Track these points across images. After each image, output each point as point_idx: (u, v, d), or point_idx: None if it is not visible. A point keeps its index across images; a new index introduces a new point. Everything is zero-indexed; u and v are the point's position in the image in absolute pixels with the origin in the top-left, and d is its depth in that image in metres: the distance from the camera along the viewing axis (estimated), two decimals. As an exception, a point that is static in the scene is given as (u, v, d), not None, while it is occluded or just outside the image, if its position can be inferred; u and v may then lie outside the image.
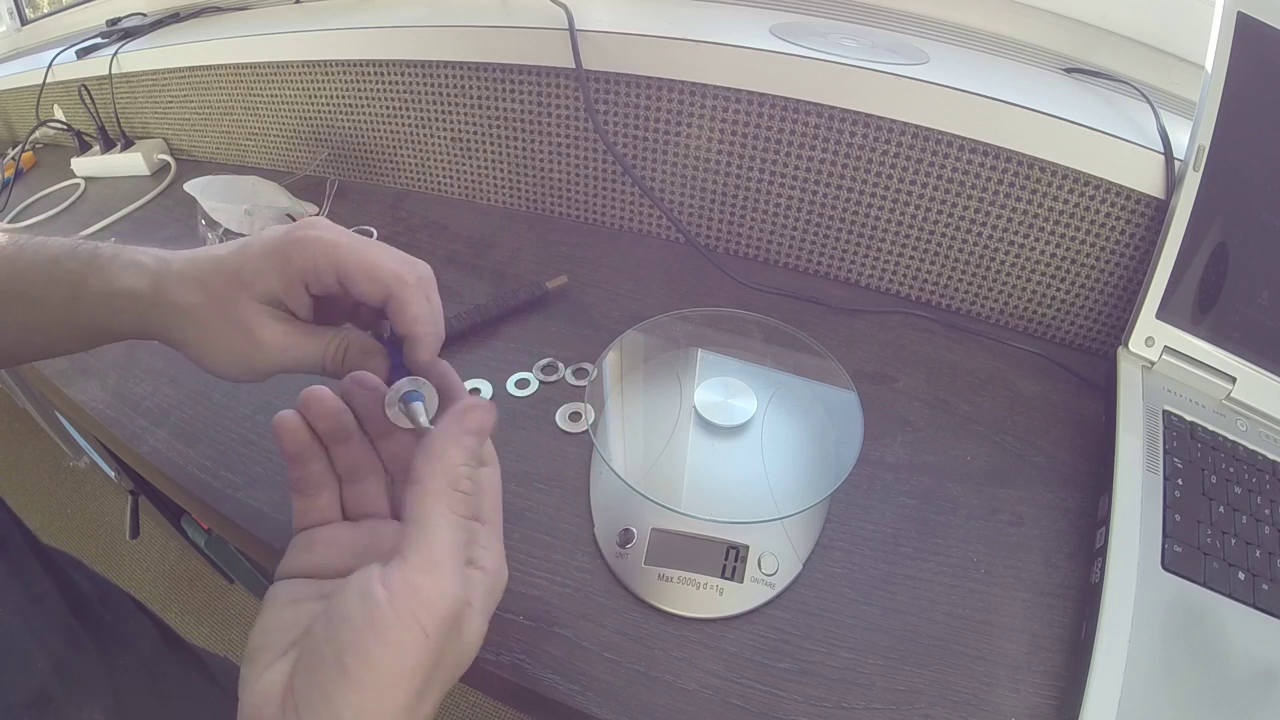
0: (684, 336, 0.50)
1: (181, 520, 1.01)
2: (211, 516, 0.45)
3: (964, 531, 0.41)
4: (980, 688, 0.34)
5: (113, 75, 0.84)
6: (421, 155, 0.73)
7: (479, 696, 1.06)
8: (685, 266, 0.62)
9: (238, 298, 0.32)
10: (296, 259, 0.31)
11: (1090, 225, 0.51)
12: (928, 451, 0.46)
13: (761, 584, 0.37)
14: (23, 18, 1.12)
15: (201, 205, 0.66)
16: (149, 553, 1.33)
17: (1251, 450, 0.43)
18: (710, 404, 0.43)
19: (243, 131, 0.82)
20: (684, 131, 0.59)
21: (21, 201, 0.83)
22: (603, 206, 0.67)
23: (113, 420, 0.50)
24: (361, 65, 0.69)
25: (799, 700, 0.34)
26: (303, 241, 0.31)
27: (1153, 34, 0.56)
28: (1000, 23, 0.62)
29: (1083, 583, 0.38)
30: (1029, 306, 0.56)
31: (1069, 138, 0.48)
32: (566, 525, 0.41)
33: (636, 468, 0.41)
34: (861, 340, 0.55)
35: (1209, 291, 0.45)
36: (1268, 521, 0.39)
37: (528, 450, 0.46)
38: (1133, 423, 0.43)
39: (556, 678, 0.35)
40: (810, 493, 0.39)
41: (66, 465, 1.47)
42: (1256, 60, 0.42)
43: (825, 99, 0.52)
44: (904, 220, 0.56)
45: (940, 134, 0.51)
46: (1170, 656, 0.33)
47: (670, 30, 0.55)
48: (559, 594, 0.38)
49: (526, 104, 0.63)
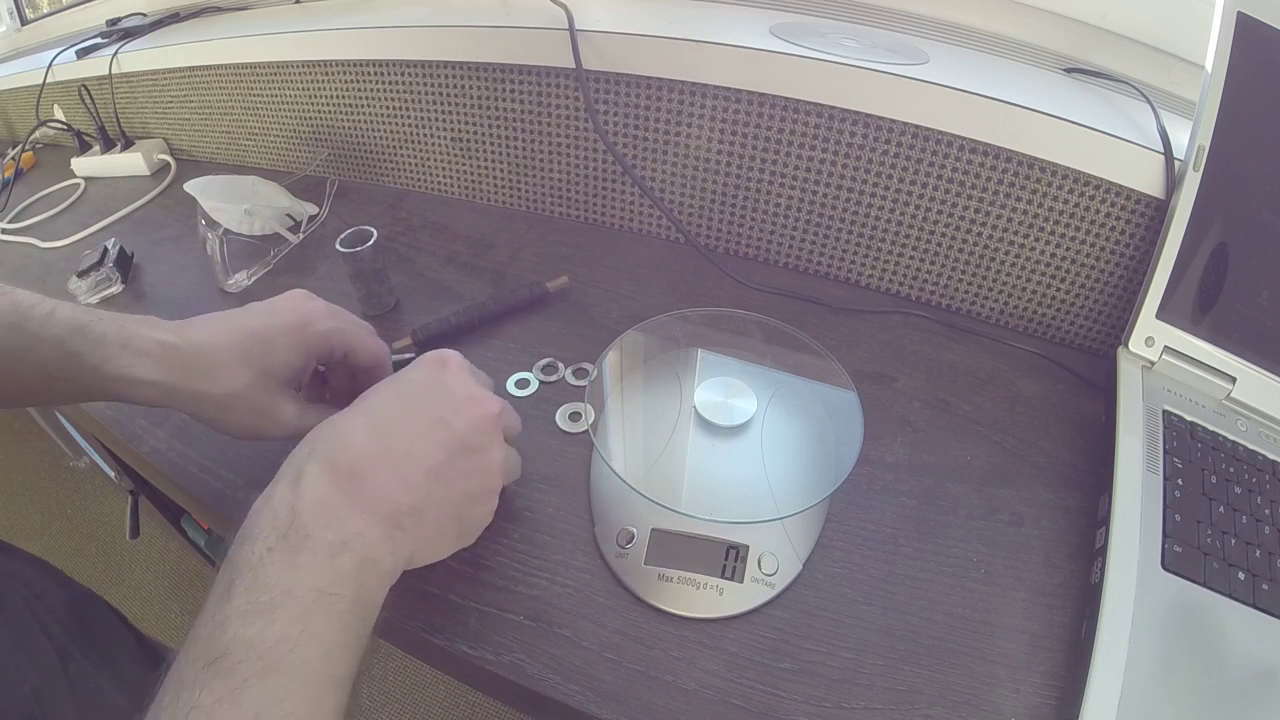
0: (684, 336, 0.50)
1: (181, 520, 1.01)
2: (211, 516, 0.45)
3: (964, 531, 0.41)
4: (980, 688, 0.34)
5: (113, 75, 0.84)
6: (421, 155, 0.73)
7: (479, 696, 1.06)
8: (685, 266, 0.62)
9: (264, 386, 0.37)
10: (319, 348, 0.39)
11: (1090, 225, 0.51)
12: (928, 451, 0.46)
13: (761, 584, 0.37)
14: (23, 18, 1.12)
15: (201, 205, 0.66)
16: (149, 553, 1.33)
17: (1251, 450, 0.43)
18: (710, 404, 0.43)
19: (243, 131, 0.82)
20: (684, 131, 0.59)
21: (21, 201, 0.83)
22: (603, 206, 0.67)
23: (113, 420, 0.50)
24: (361, 65, 0.69)
25: (799, 700, 0.34)
26: (329, 334, 0.39)
27: (1153, 34, 0.56)
28: (1000, 23, 0.62)
29: (1083, 583, 0.38)
30: (1029, 306, 0.56)
31: (1069, 138, 0.48)
32: (566, 525, 0.41)
33: (636, 468, 0.41)
34: (861, 340, 0.55)
35: (1209, 291, 0.45)
36: (1268, 521, 0.39)
37: (528, 450, 0.46)
38: (1133, 423, 0.43)
39: (556, 678, 0.35)
40: (810, 493, 0.39)
41: (66, 465, 1.47)
42: (1256, 60, 0.42)
43: (825, 99, 0.52)
44: (904, 220, 0.56)
45: (940, 134, 0.51)
46: (1170, 656, 0.33)
47: (670, 30, 0.55)
48: (559, 594, 0.38)
49: (526, 104, 0.63)
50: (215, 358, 0.36)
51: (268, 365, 0.37)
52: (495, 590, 0.38)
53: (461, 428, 0.33)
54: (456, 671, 0.38)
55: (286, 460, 0.30)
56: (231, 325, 0.38)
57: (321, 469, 0.29)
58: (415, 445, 0.31)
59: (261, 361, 0.37)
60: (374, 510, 0.29)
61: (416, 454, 0.31)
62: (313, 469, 0.29)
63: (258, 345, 0.37)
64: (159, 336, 0.35)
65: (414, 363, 0.35)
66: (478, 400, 0.34)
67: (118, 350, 0.34)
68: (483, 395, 0.35)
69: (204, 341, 0.36)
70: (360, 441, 0.30)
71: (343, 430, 0.31)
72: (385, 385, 0.34)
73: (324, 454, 0.29)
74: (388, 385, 0.34)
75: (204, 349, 0.36)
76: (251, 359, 0.37)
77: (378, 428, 0.31)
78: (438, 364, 0.35)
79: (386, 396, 0.33)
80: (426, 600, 0.37)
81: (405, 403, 0.32)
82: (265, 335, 0.38)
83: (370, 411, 0.32)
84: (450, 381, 0.34)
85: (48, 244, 0.73)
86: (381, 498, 0.29)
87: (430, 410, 0.32)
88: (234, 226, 0.66)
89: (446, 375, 0.34)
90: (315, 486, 0.28)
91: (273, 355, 0.37)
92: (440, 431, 0.32)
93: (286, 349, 0.38)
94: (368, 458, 0.30)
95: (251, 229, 0.67)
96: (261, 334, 0.38)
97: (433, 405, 0.33)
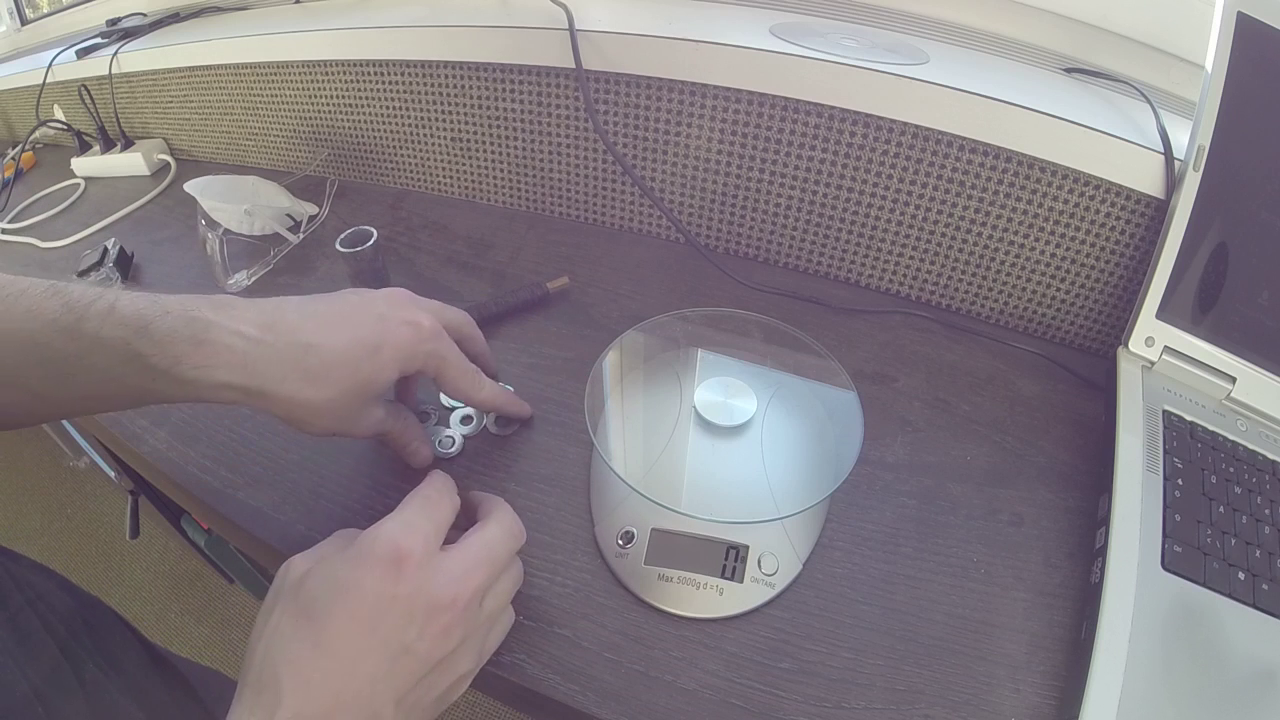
0: (684, 336, 0.50)
1: (181, 520, 1.01)
2: (211, 516, 0.45)
3: (964, 531, 0.41)
4: (980, 688, 0.34)
5: (113, 75, 0.84)
6: (421, 155, 0.73)
7: (479, 696, 1.06)
8: (685, 266, 0.62)
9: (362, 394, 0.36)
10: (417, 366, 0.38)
11: (1090, 225, 0.51)
12: (928, 451, 0.46)
13: (761, 584, 0.37)
14: (23, 18, 1.12)
15: (201, 205, 0.66)
16: (149, 553, 1.33)
17: (1251, 450, 0.43)
18: (710, 404, 0.43)
19: (243, 131, 0.82)
20: (684, 131, 0.59)
21: (21, 201, 0.83)
22: (603, 206, 0.67)
23: (113, 420, 0.50)
24: (361, 65, 0.69)
25: (799, 700, 0.34)
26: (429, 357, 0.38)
27: (1153, 34, 0.56)
28: (1000, 23, 0.62)
29: (1083, 583, 0.38)
30: (1029, 306, 0.56)
31: (1069, 138, 0.48)
32: (566, 525, 0.41)
33: (636, 468, 0.41)
34: (861, 340, 0.55)
35: (1209, 291, 0.45)
36: (1268, 521, 0.39)
37: (528, 450, 0.46)
38: (1133, 423, 0.43)
39: (556, 678, 0.35)
40: (810, 493, 0.39)
41: (66, 465, 1.47)
42: (1256, 60, 0.42)
43: (825, 99, 0.52)
44: (904, 220, 0.56)
45: (940, 134, 0.51)
46: (1170, 656, 0.33)
47: (670, 30, 0.55)
48: (559, 594, 0.38)
49: (526, 104, 0.63)
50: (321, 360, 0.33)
51: (371, 376, 0.35)
52: (495, 590, 0.38)
53: (424, 649, 0.28)
54: (456, 671, 0.38)
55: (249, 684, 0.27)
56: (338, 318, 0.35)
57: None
58: (379, 686, 0.27)
59: (368, 371, 0.35)
60: None
61: (381, 692, 0.27)
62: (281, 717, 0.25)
63: (367, 354, 0.35)
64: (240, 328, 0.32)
65: (360, 557, 0.28)
66: (442, 607, 0.29)
67: (191, 348, 0.31)
68: (450, 596, 0.29)
69: (308, 340, 0.33)
70: (321, 694, 0.26)
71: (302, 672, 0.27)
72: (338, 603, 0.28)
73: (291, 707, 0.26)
74: (340, 603, 0.27)
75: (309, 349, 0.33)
76: (359, 367, 0.35)
77: (338, 672, 0.27)
78: (392, 567, 0.28)
79: (342, 629, 0.27)
80: (426, 600, 0.37)
81: (365, 634, 0.27)
82: (376, 344, 0.35)
83: (328, 648, 0.27)
84: (408, 595, 0.28)
85: (48, 244, 0.73)
86: None
87: (393, 640, 0.28)
88: (234, 226, 0.66)
89: (402, 587, 0.28)
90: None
91: (379, 367, 0.35)
92: (404, 659, 0.28)
93: (391, 364, 0.36)
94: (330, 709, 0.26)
95: (251, 229, 0.67)
96: (372, 344, 0.35)
97: (394, 633, 0.28)
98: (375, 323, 0.36)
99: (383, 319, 0.37)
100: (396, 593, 0.28)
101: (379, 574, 0.28)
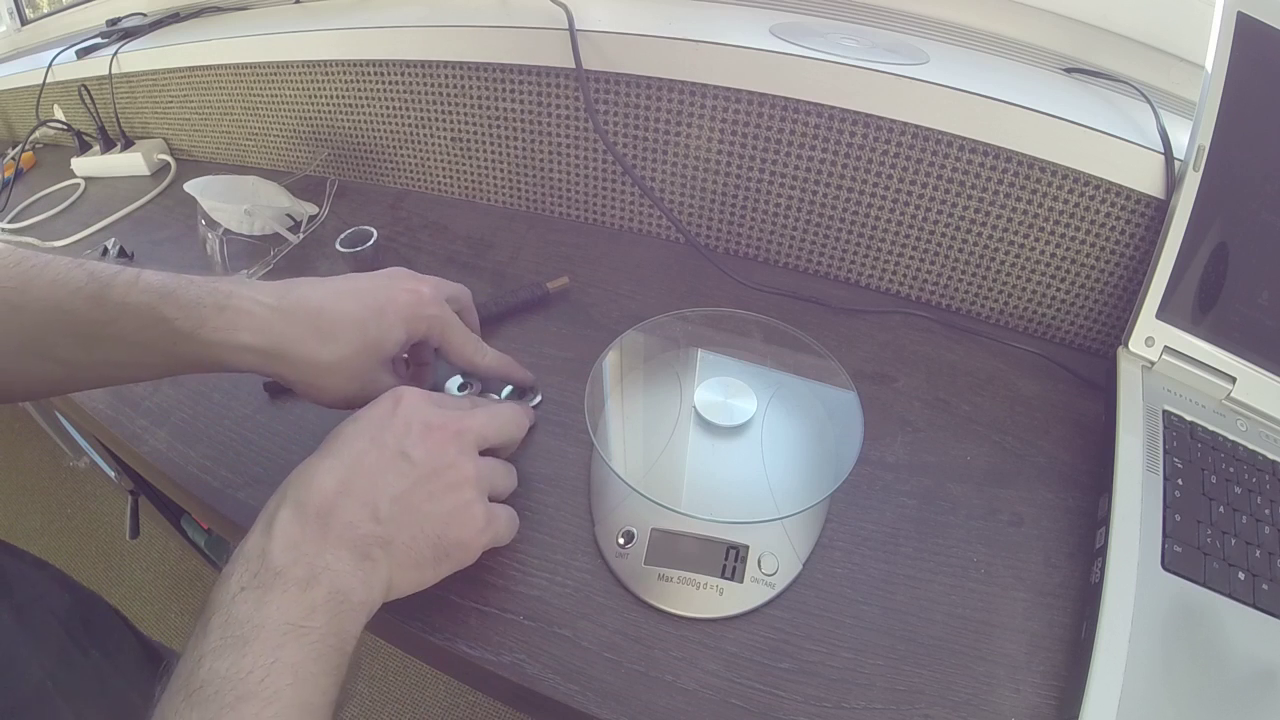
0: (684, 336, 0.50)
1: (181, 520, 1.01)
2: (211, 516, 0.45)
3: (964, 531, 0.41)
4: (980, 688, 0.34)
5: (113, 75, 0.84)
6: (421, 155, 0.73)
7: (479, 696, 1.06)
8: (685, 266, 0.62)
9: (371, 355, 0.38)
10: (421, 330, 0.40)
11: (1090, 225, 0.51)
12: (928, 451, 0.46)
13: (761, 584, 0.37)
14: (23, 18, 1.12)
15: (201, 205, 0.66)
16: (149, 553, 1.33)
17: (1251, 450, 0.43)
18: (710, 404, 0.43)
19: (243, 131, 0.82)
20: (684, 131, 0.59)
21: (21, 201, 0.83)
22: (603, 206, 0.67)
23: (113, 420, 0.50)
24: (361, 65, 0.69)
25: (799, 700, 0.34)
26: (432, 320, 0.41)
27: (1153, 34, 0.56)
28: (1000, 23, 0.62)
29: (1083, 583, 0.38)
30: (1029, 306, 0.56)
31: (1069, 138, 0.48)
32: (566, 525, 0.41)
33: (636, 468, 0.41)
34: (861, 340, 0.55)
35: (1209, 291, 0.45)
36: (1268, 521, 0.39)
37: (528, 450, 0.46)
38: (1133, 423, 0.43)
39: (556, 678, 0.35)
40: (810, 493, 0.39)
41: (66, 465, 1.47)
42: (1256, 60, 0.42)
43: (825, 99, 0.52)
44: (904, 220, 0.56)
45: (940, 134, 0.51)
46: (1170, 656, 0.33)
47: (670, 30, 0.55)
48: (559, 594, 0.38)
49: (526, 104, 0.63)
50: (332, 320, 0.36)
51: (379, 337, 0.38)
52: (495, 590, 0.38)
53: (420, 455, 0.33)
54: (456, 671, 0.38)
55: (262, 510, 0.31)
56: (345, 290, 0.38)
57: (291, 513, 0.30)
58: (378, 478, 0.32)
59: (375, 331, 0.38)
60: (341, 543, 0.29)
61: (380, 486, 0.31)
62: (284, 514, 0.30)
63: (372, 315, 0.38)
64: (259, 297, 0.35)
65: (374, 400, 0.35)
66: (435, 426, 0.34)
67: (214, 313, 0.33)
68: (441, 420, 0.35)
69: (319, 305, 0.36)
70: (326, 482, 0.31)
71: (310, 473, 0.31)
72: (348, 425, 0.34)
73: (293, 499, 0.30)
74: (350, 425, 0.34)
75: (320, 312, 0.36)
76: (366, 327, 0.37)
77: (342, 467, 0.32)
78: (393, 400, 0.35)
79: (349, 436, 0.33)
80: (426, 600, 0.37)
81: (367, 440, 0.33)
82: (380, 307, 0.38)
83: (335, 453, 0.32)
84: (405, 413, 0.34)
85: (48, 244, 0.73)
86: (348, 531, 0.30)
87: (390, 443, 0.33)
88: (234, 226, 0.66)
89: (401, 408, 0.34)
90: (285, 529, 0.29)
91: (385, 328, 0.38)
92: (401, 462, 0.33)
93: (396, 325, 0.39)
94: (334, 496, 0.30)
95: (251, 229, 0.67)
96: (377, 305, 0.38)
97: (392, 438, 0.33)
98: (380, 291, 0.39)
99: (386, 288, 0.40)
100: (396, 412, 0.34)
101: (382, 405, 0.35)
